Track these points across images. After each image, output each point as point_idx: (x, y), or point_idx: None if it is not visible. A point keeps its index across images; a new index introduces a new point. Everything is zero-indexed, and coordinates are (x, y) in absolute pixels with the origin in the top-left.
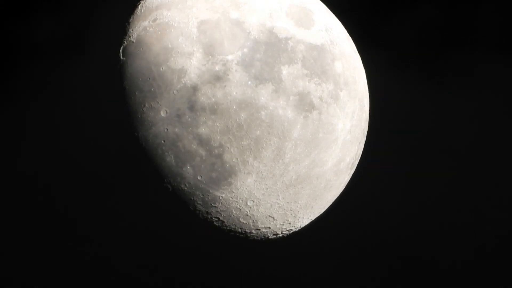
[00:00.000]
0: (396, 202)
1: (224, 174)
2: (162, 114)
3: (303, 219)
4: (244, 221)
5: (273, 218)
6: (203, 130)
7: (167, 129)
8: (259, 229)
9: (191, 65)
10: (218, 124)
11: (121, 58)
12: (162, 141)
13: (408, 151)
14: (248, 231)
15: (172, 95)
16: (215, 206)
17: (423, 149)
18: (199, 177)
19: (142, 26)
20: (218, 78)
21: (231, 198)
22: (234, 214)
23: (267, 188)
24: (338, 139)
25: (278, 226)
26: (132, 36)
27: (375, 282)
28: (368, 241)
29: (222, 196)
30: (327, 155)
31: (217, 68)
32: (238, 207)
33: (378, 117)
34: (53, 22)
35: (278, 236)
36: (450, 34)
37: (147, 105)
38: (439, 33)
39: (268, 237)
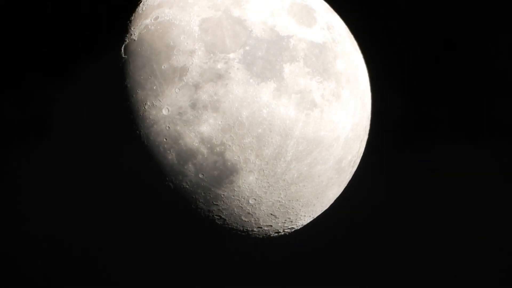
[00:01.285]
0: (397, 200)
1: (225, 172)
2: (164, 112)
3: (305, 217)
4: (246, 219)
5: (274, 216)
6: (204, 128)
7: (168, 127)
8: (261, 227)
9: (192, 63)
10: (219, 122)
11: (123, 56)
12: (164, 139)
13: (409, 149)
14: (250, 229)
15: (174, 93)
16: (217, 204)
17: (423, 148)
18: (200, 175)
19: (143, 24)
20: (219, 76)
21: (233, 196)
22: (235, 212)
23: (268, 186)
24: (339, 137)
25: (279, 224)
26: (134, 34)
27: (376, 280)
28: (369, 239)
29: (223, 194)
30: (328, 153)
31: (218, 66)
32: (240, 205)
33: (379, 115)
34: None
35: (279, 234)
36: None
37: (148, 103)
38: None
39: (270, 235)
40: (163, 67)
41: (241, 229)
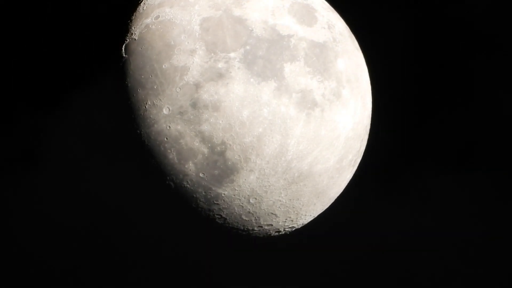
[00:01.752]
0: (398, 199)
1: (226, 172)
2: (165, 111)
3: (306, 217)
4: (247, 219)
5: (275, 215)
6: (205, 127)
7: (169, 127)
8: (262, 227)
9: (193, 62)
10: (220, 122)
11: (124, 55)
12: (165, 139)
13: (410, 148)
14: (251, 228)
15: (175, 93)
16: (218, 204)
17: (424, 146)
18: (201, 175)
19: (144, 24)
20: (220, 76)
21: (234, 195)
22: (236, 212)
23: (269, 186)
24: (340, 136)
25: (280, 224)
26: (135, 33)
27: (377, 280)
28: (370, 239)
29: (224, 194)
30: (329, 153)
31: (219, 65)
32: (241, 204)
33: (380, 114)
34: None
35: (280, 233)
36: None
37: (149, 103)
38: None
39: (271, 234)
40: (163, 66)
41: (242, 228)
